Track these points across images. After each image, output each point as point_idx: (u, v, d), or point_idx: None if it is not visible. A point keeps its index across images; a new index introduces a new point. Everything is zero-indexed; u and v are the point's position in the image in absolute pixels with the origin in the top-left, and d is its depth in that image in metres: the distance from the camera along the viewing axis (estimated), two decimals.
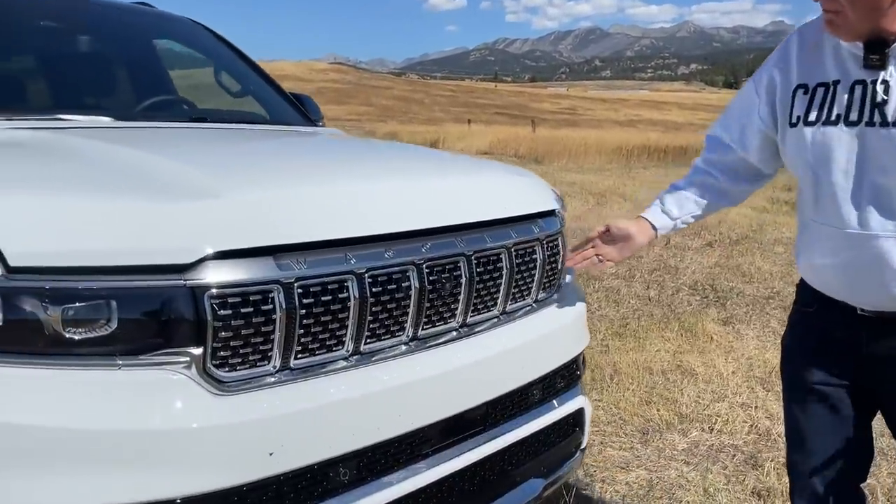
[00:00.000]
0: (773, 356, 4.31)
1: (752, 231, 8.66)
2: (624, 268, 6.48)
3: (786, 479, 2.89)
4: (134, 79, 3.03)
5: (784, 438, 1.82)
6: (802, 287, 1.71)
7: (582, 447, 2.20)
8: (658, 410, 3.57)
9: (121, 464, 1.24)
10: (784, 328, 1.81)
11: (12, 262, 1.23)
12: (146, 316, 1.30)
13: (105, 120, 2.30)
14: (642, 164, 20.04)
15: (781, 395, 1.79)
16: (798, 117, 1.58)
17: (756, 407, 3.64)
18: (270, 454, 1.36)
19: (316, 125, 3.11)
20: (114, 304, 1.28)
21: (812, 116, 1.55)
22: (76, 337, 1.28)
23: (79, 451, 1.22)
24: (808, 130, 1.55)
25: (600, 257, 1.91)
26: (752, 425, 3.44)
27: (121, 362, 1.28)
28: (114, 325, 1.28)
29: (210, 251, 1.32)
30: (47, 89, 2.66)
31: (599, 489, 2.86)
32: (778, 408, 3.60)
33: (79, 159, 1.65)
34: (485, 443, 1.80)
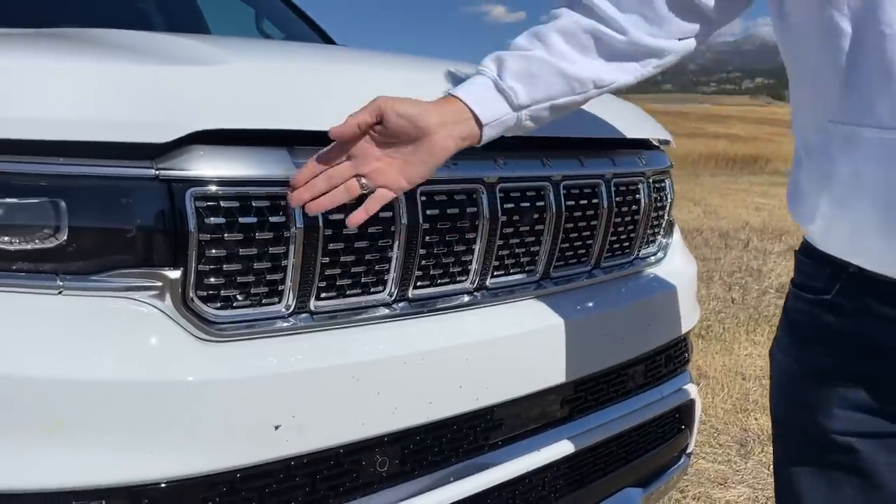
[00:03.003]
0: None
1: None
2: (699, 268, 5.91)
3: None
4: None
5: None
6: (806, 257, 0.99)
7: (688, 451, 1.73)
8: (756, 420, 3.05)
9: (49, 429, 0.84)
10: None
11: None
12: (98, 218, 0.89)
13: None
14: (710, 171, 19.10)
15: (773, 451, 1.07)
16: None
17: None
18: (276, 428, 0.95)
19: None
20: (61, 203, 0.89)
21: None
22: (7, 248, 0.88)
23: None
24: None
25: (364, 181, 0.94)
26: None
27: (62, 283, 0.89)
28: (48, 225, 0.88)
29: (197, 128, 0.92)
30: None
31: None
32: None
33: (45, 34, 1.28)
34: (571, 436, 1.34)
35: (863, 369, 0.92)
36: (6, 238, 0.87)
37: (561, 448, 1.32)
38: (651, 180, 1.52)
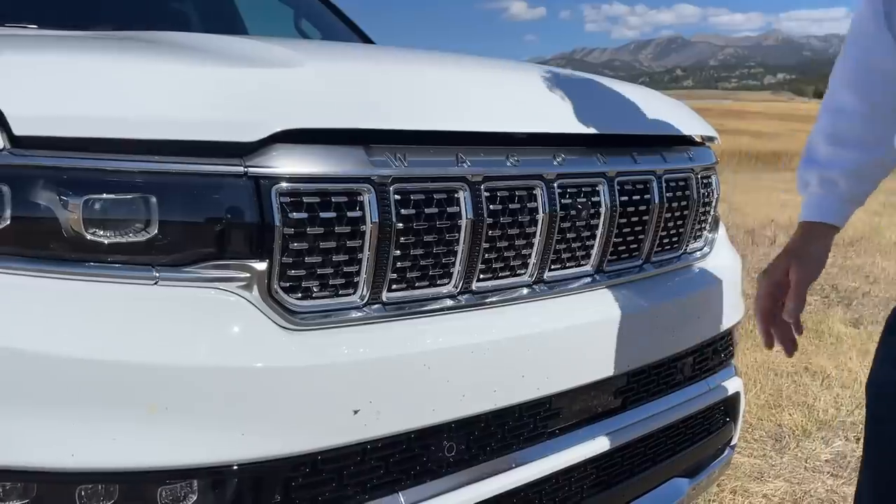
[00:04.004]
0: None
1: (867, 233, 7.87)
2: None
3: None
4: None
5: None
6: None
7: (732, 444, 1.76)
8: (790, 415, 3.06)
9: (143, 412, 0.89)
10: None
11: (19, 130, 0.90)
12: (191, 213, 0.95)
13: None
14: (732, 168, 18.97)
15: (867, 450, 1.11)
16: None
17: None
18: (356, 412, 0.99)
19: None
20: (153, 198, 0.94)
21: None
22: (104, 241, 0.93)
23: (90, 388, 0.87)
24: None
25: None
26: None
27: (157, 274, 0.94)
28: (146, 219, 0.93)
29: (282, 128, 0.96)
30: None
31: (730, 502, 2.39)
32: None
33: (127, 38, 1.33)
34: (624, 426, 1.38)
35: None
36: (102, 231, 0.93)
37: (615, 437, 1.35)
38: (699, 176, 1.55)
